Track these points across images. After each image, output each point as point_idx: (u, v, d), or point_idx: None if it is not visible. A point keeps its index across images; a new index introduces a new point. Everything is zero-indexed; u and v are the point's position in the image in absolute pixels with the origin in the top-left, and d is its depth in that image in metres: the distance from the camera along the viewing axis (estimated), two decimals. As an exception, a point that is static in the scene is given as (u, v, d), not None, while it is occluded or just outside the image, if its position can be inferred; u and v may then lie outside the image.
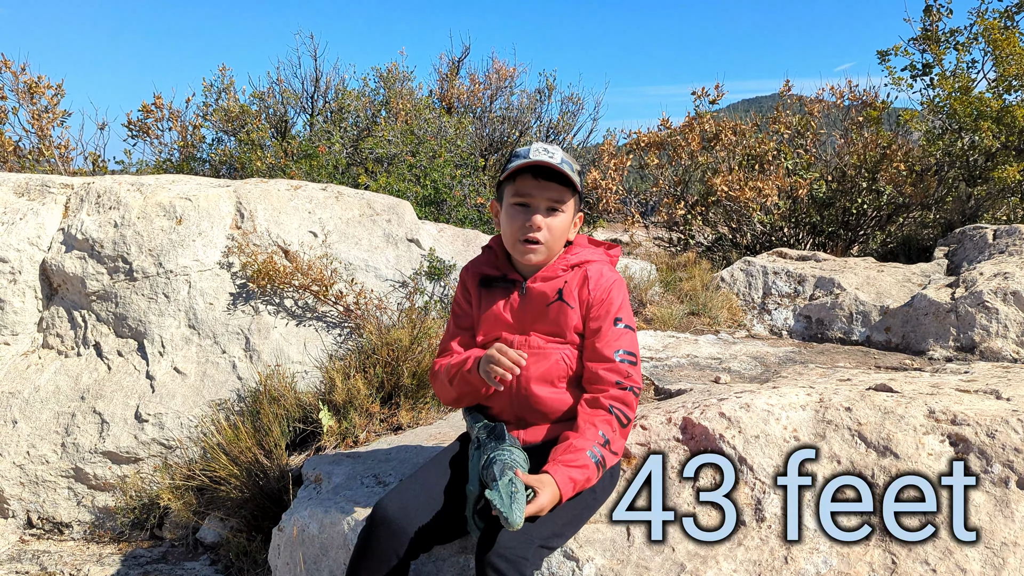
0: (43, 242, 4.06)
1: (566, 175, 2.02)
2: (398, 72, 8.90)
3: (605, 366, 2.05)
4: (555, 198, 2.05)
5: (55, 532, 3.64)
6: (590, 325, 2.09)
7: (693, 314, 5.38)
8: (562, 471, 1.90)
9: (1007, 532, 1.95)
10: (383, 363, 3.56)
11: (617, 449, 2.03)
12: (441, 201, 6.66)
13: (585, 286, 2.10)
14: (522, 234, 2.06)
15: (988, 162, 7.31)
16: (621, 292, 2.13)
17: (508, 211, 2.09)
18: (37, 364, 3.86)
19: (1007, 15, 7.24)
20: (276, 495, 3.18)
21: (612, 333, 2.07)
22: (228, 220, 4.16)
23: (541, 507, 1.82)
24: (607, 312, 2.08)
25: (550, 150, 2.04)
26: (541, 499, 1.82)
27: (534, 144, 2.07)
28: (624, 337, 2.08)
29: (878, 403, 2.37)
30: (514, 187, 2.06)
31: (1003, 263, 4.91)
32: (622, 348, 2.06)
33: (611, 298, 2.09)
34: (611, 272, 2.16)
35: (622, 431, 2.04)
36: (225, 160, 7.78)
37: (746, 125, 8.35)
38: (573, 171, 2.05)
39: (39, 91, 7.45)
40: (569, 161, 2.07)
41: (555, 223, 2.07)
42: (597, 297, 2.09)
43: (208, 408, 3.65)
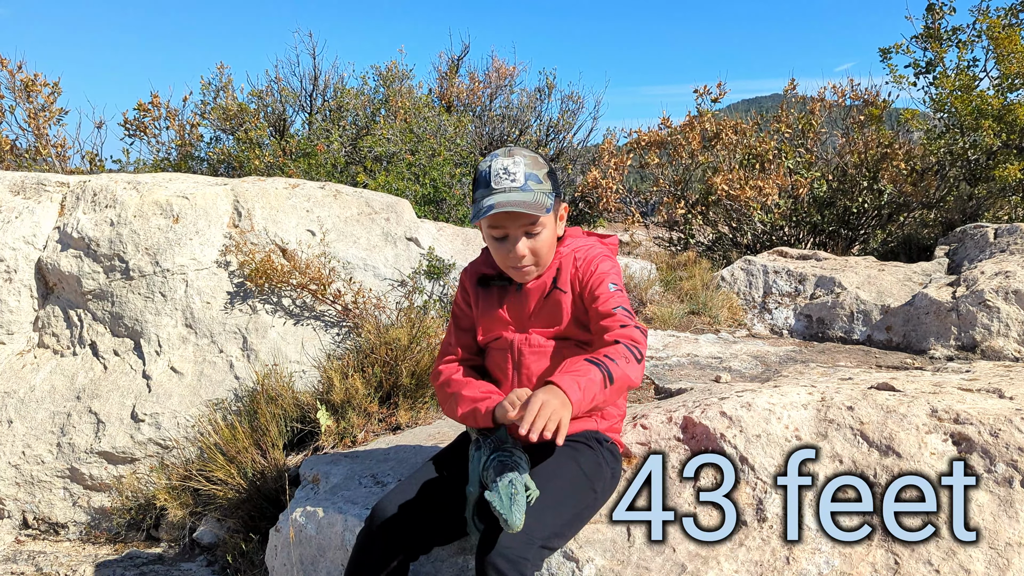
0: (39, 241, 4.03)
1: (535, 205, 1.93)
2: (397, 70, 8.88)
3: (607, 320, 1.97)
4: (529, 222, 1.97)
5: (51, 533, 3.61)
6: (586, 296, 2.04)
7: (693, 313, 5.36)
8: (566, 378, 1.76)
9: (1011, 532, 1.93)
10: (381, 362, 3.54)
11: (629, 371, 1.84)
12: (440, 200, 6.64)
13: (574, 267, 2.07)
14: (509, 263, 2.04)
15: (989, 161, 7.29)
16: (607, 263, 2.08)
17: (488, 240, 2.05)
18: (32, 364, 3.84)
19: (1011, 12, 7.22)
20: (273, 495, 3.16)
21: (607, 294, 2.01)
22: (225, 219, 4.14)
23: (553, 410, 1.67)
24: (600, 281, 2.03)
25: (511, 170, 1.95)
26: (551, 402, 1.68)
27: (495, 163, 1.97)
28: (619, 296, 2.01)
29: (880, 402, 2.34)
30: (486, 220, 1.97)
31: (1004, 262, 4.88)
32: (620, 305, 1.99)
33: (600, 268, 2.05)
34: (600, 250, 2.12)
35: (635, 362, 1.87)
36: (223, 159, 7.76)
37: (747, 124, 8.33)
38: (541, 181, 1.98)
39: (36, 89, 7.43)
40: (534, 172, 1.98)
41: (537, 243, 2.01)
42: (586, 270, 2.05)
43: (205, 408, 3.63)
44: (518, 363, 2.10)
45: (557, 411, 1.68)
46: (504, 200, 1.92)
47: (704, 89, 8.57)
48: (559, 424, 1.67)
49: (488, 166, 1.98)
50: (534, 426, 1.65)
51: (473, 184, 2.05)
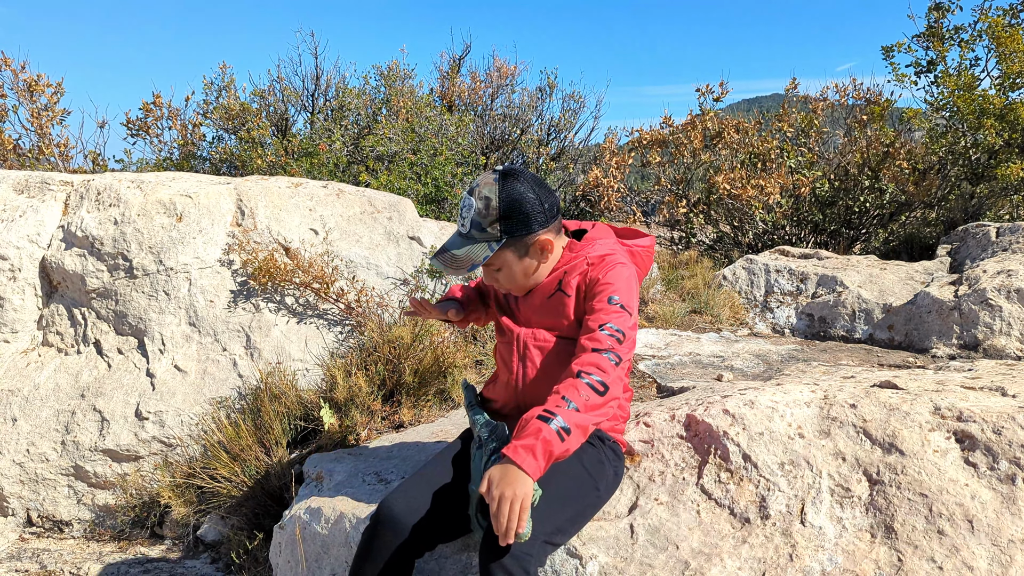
0: (43, 239, 4.04)
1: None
2: (399, 70, 8.89)
3: (587, 336, 1.92)
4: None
5: (55, 530, 3.62)
6: (586, 305, 2.03)
7: (695, 312, 5.36)
8: (518, 449, 1.71)
9: (1014, 529, 1.93)
10: (384, 361, 3.55)
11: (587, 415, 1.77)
12: (442, 199, 6.65)
13: (582, 273, 2.06)
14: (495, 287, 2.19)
15: (991, 160, 7.29)
16: (623, 275, 2.02)
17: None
18: (37, 362, 3.85)
19: (1011, 12, 7.22)
20: (277, 493, 3.17)
21: (603, 309, 1.96)
22: (229, 217, 4.15)
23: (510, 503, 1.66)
24: (603, 291, 1.98)
25: (463, 214, 2.04)
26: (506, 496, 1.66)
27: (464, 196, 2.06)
28: (615, 314, 1.94)
29: (883, 400, 2.35)
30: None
31: (1006, 260, 4.89)
32: (610, 323, 1.92)
33: (608, 278, 2.00)
34: (616, 258, 2.08)
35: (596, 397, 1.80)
36: (225, 158, 7.77)
37: (749, 123, 8.34)
38: (484, 229, 1.99)
39: (39, 89, 7.44)
40: (479, 219, 1.99)
41: (500, 276, 2.09)
42: (594, 277, 2.03)
43: (209, 406, 3.64)
44: (523, 356, 2.11)
45: (516, 499, 1.66)
46: (439, 259, 2.06)
47: (707, 88, 8.57)
48: (521, 508, 1.66)
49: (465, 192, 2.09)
50: (507, 532, 1.66)
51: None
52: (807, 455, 2.21)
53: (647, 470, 2.30)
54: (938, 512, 2.00)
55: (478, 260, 2.01)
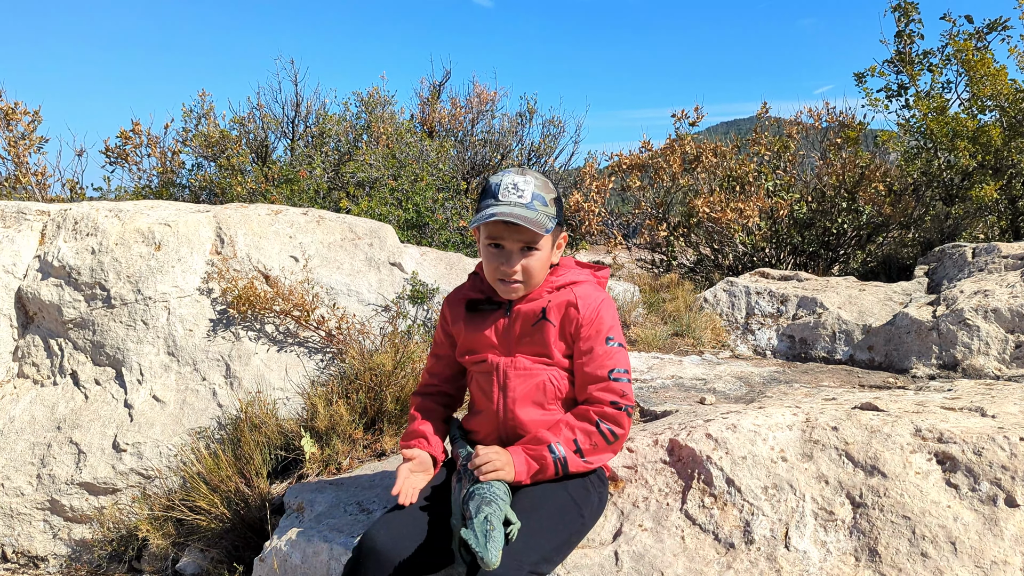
0: (18, 269, 4.00)
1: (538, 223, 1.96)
2: (379, 96, 8.92)
3: (600, 386, 2.03)
4: (528, 240, 2.00)
5: (30, 566, 3.54)
6: (580, 346, 2.06)
7: (677, 335, 5.38)
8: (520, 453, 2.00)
9: (996, 551, 1.94)
10: (366, 388, 3.52)
11: (592, 460, 2.03)
12: (423, 224, 6.65)
13: (573, 307, 2.07)
14: (499, 275, 2.05)
15: (964, 181, 7.40)
16: (610, 311, 2.10)
17: (483, 250, 2.07)
18: (12, 394, 3.79)
19: (977, 36, 7.36)
20: (258, 524, 3.12)
21: (605, 352, 2.05)
22: (208, 245, 4.12)
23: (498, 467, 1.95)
24: (597, 332, 2.05)
25: (520, 187, 1.98)
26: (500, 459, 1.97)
27: (505, 178, 2.00)
28: (617, 355, 2.06)
29: (864, 422, 2.36)
30: (486, 227, 2.02)
31: (983, 280, 4.95)
32: (616, 367, 2.04)
33: (601, 317, 2.07)
34: (599, 291, 2.13)
35: (607, 447, 2.04)
36: (205, 186, 7.74)
37: (726, 147, 8.42)
38: (547, 204, 2.00)
39: (15, 117, 7.39)
40: (542, 194, 2.00)
41: (531, 262, 2.03)
42: (587, 317, 2.06)
43: (188, 436, 3.59)
44: (504, 386, 2.10)
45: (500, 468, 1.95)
46: (507, 212, 1.95)
47: (682, 114, 8.66)
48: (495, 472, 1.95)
49: (499, 180, 2.02)
50: (482, 467, 1.95)
51: (480, 194, 2.08)
52: (790, 478, 2.21)
53: (631, 496, 2.30)
54: (921, 534, 2.00)
55: (548, 226, 2.00)
